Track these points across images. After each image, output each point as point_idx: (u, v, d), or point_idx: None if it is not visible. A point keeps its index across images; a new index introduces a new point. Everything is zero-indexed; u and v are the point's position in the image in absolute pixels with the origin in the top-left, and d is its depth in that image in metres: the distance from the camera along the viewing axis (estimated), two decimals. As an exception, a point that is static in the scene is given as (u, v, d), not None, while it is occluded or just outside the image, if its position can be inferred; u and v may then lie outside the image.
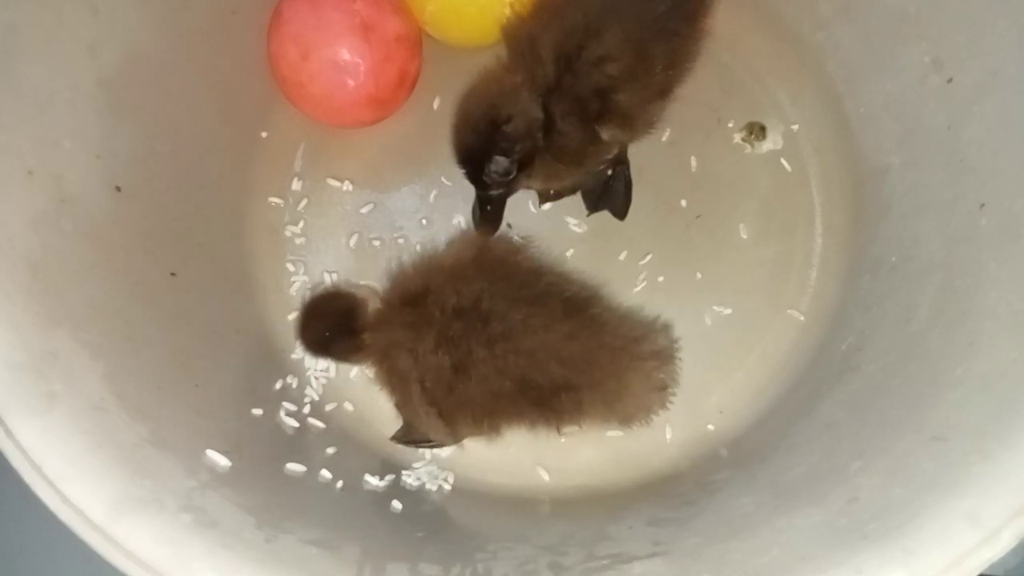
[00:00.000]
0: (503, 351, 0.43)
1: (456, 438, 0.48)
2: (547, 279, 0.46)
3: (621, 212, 0.53)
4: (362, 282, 0.50)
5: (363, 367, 0.50)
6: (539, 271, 0.47)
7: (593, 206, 0.54)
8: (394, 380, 0.45)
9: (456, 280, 0.45)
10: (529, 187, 0.52)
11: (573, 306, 0.45)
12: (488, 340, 0.43)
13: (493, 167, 0.44)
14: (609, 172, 0.53)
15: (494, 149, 0.44)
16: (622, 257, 0.53)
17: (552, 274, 0.47)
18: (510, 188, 0.47)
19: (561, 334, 0.43)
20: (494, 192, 0.47)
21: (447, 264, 0.46)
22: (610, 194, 0.53)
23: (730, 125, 0.55)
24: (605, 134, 0.46)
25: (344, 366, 0.52)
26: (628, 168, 0.53)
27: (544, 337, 0.43)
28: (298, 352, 0.52)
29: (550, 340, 0.43)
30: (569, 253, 0.53)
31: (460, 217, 0.54)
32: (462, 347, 0.43)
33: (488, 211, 0.48)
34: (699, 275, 0.53)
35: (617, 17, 0.44)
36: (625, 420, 0.46)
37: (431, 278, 0.45)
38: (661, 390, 0.45)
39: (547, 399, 0.43)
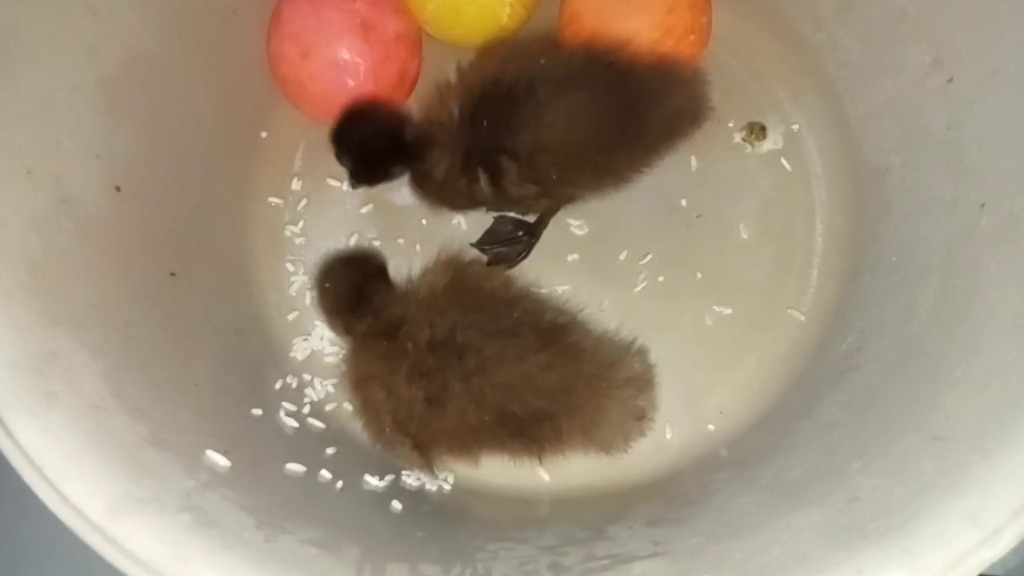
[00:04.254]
0: (479, 385, 0.42)
1: (432, 467, 0.47)
2: (521, 307, 0.45)
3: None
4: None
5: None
6: (513, 300, 0.46)
7: (481, 245, 0.53)
8: (367, 412, 0.45)
9: (429, 311, 0.44)
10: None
11: (548, 335, 0.44)
12: (464, 374, 0.42)
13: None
14: (519, 234, 0.53)
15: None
16: (622, 257, 0.53)
17: (527, 301, 0.46)
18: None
19: (537, 365, 0.43)
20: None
21: (422, 294, 0.46)
22: (503, 251, 0.53)
23: (730, 125, 0.55)
24: (482, 179, 0.47)
25: (343, 369, 0.51)
26: (533, 245, 0.53)
27: (520, 369, 0.42)
28: (297, 352, 0.52)
29: (526, 372, 0.42)
30: (570, 257, 0.53)
31: (459, 217, 0.54)
32: (437, 381, 0.42)
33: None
34: (699, 275, 0.53)
35: (545, 111, 0.45)
36: (604, 447, 0.45)
37: (406, 308, 0.45)
38: (639, 419, 0.45)
39: (527, 429, 0.43)
